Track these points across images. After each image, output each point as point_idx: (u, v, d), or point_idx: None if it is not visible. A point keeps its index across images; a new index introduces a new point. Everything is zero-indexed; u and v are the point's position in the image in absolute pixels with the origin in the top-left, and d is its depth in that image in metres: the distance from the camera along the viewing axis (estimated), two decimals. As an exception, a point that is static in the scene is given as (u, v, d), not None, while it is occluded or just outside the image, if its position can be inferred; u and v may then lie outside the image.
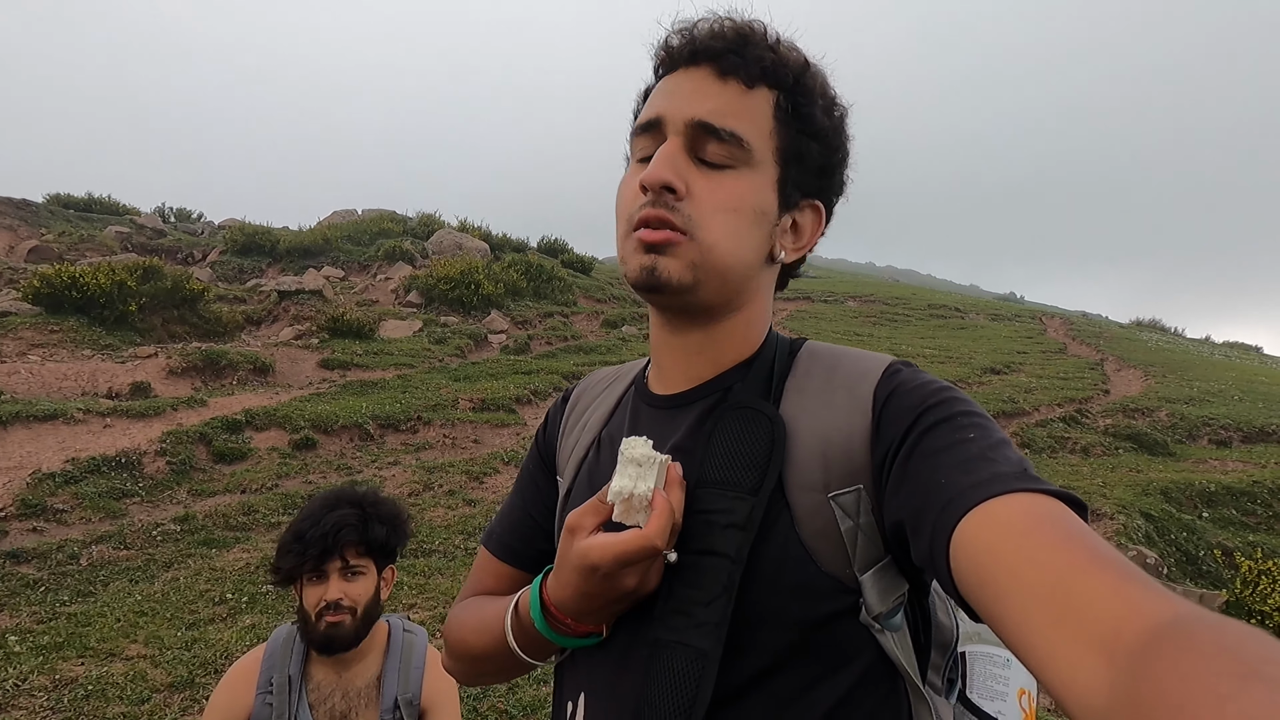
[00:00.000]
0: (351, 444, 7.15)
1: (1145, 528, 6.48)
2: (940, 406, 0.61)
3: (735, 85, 0.66)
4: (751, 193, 0.66)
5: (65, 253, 12.78)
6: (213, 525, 5.31)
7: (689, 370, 0.72)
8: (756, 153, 0.66)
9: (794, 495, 0.63)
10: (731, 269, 0.66)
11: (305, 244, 15.10)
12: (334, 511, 1.47)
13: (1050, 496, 0.50)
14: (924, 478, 0.56)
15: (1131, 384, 12.58)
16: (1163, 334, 22.37)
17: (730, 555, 0.61)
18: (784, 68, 0.67)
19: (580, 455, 0.78)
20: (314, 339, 10.36)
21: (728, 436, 0.65)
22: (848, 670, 0.62)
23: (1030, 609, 0.44)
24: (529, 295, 14.14)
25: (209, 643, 3.70)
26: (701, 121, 0.65)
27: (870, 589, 0.62)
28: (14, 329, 8.74)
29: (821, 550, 0.62)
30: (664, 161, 0.64)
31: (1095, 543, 0.45)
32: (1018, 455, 0.56)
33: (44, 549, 4.72)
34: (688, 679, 0.59)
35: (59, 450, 5.96)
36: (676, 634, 0.61)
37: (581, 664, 0.72)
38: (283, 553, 1.45)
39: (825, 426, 0.64)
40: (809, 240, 0.72)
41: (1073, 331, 18.17)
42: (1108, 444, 9.01)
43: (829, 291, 20.26)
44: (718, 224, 0.65)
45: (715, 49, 0.66)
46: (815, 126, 0.68)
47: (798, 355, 0.71)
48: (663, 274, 0.65)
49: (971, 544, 0.49)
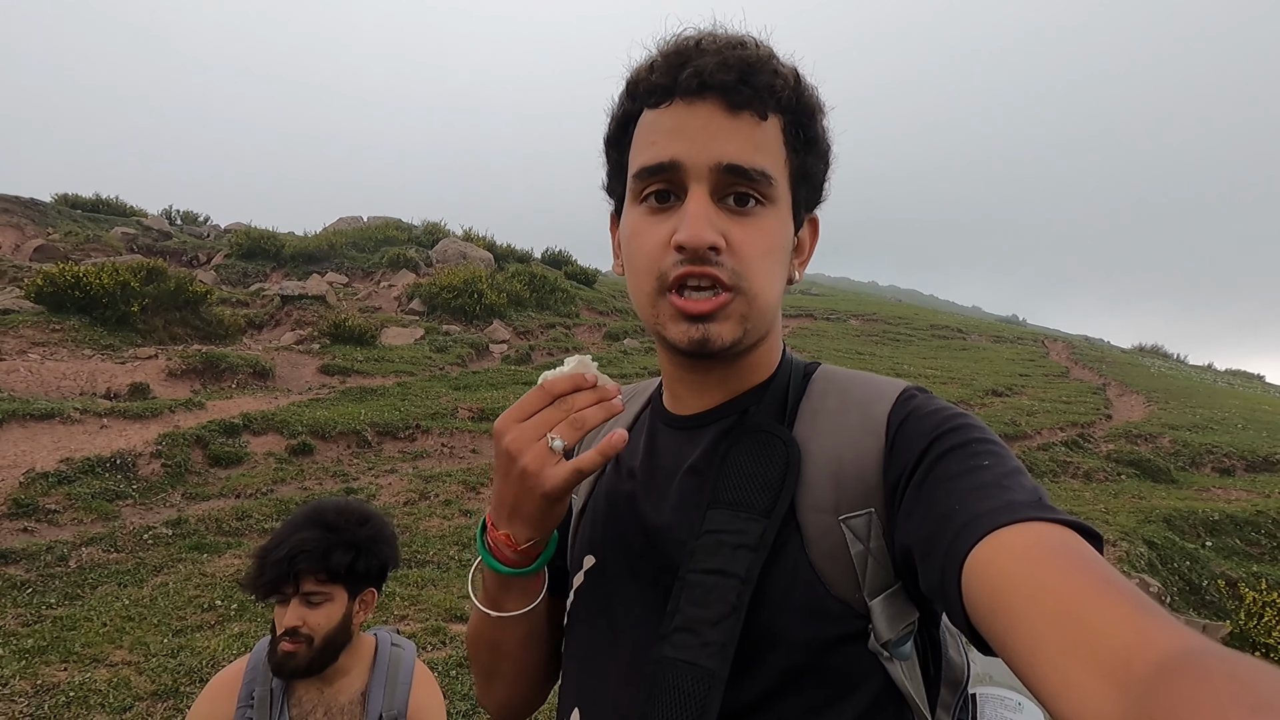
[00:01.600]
0: (349, 451, 7.11)
1: (1148, 555, 6.41)
2: (955, 433, 0.60)
3: (750, 119, 0.61)
4: (780, 229, 0.65)
5: (71, 252, 12.81)
6: (205, 530, 5.26)
7: (706, 396, 0.71)
8: (780, 185, 0.64)
9: (804, 516, 0.63)
10: (769, 312, 0.66)
11: (310, 249, 15.14)
12: (298, 534, 1.40)
13: (1065, 526, 0.50)
14: (937, 504, 0.56)
15: (1134, 409, 12.53)
16: (1165, 360, 22.33)
17: (740, 575, 0.60)
18: (788, 89, 0.63)
19: (597, 473, 0.77)
20: (315, 344, 10.35)
21: (742, 459, 0.65)
22: (855, 697, 0.61)
23: (1042, 637, 0.44)
24: (532, 306, 14.15)
25: (195, 650, 3.64)
26: (730, 164, 0.61)
27: (880, 615, 0.61)
28: (15, 327, 8.73)
29: (831, 573, 0.61)
30: (702, 221, 0.60)
31: (1108, 573, 0.45)
32: (1032, 484, 0.55)
33: (33, 550, 4.67)
34: (693, 698, 0.58)
35: (54, 450, 5.93)
36: (683, 652, 0.60)
37: (581, 679, 0.72)
38: (251, 571, 1.41)
39: (838, 449, 0.64)
40: (809, 253, 0.72)
41: (1075, 355, 18.14)
42: (1110, 469, 8.95)
43: (831, 310, 20.27)
44: (760, 271, 0.63)
45: (726, 82, 0.60)
46: (818, 145, 0.67)
47: (812, 379, 0.71)
48: (716, 342, 0.63)
49: (984, 571, 0.49)
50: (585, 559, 0.74)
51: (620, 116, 0.67)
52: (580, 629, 0.73)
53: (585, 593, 0.73)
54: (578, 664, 0.72)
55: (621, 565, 0.70)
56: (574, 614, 0.74)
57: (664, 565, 0.66)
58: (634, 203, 0.66)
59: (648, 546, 0.68)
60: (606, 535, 0.72)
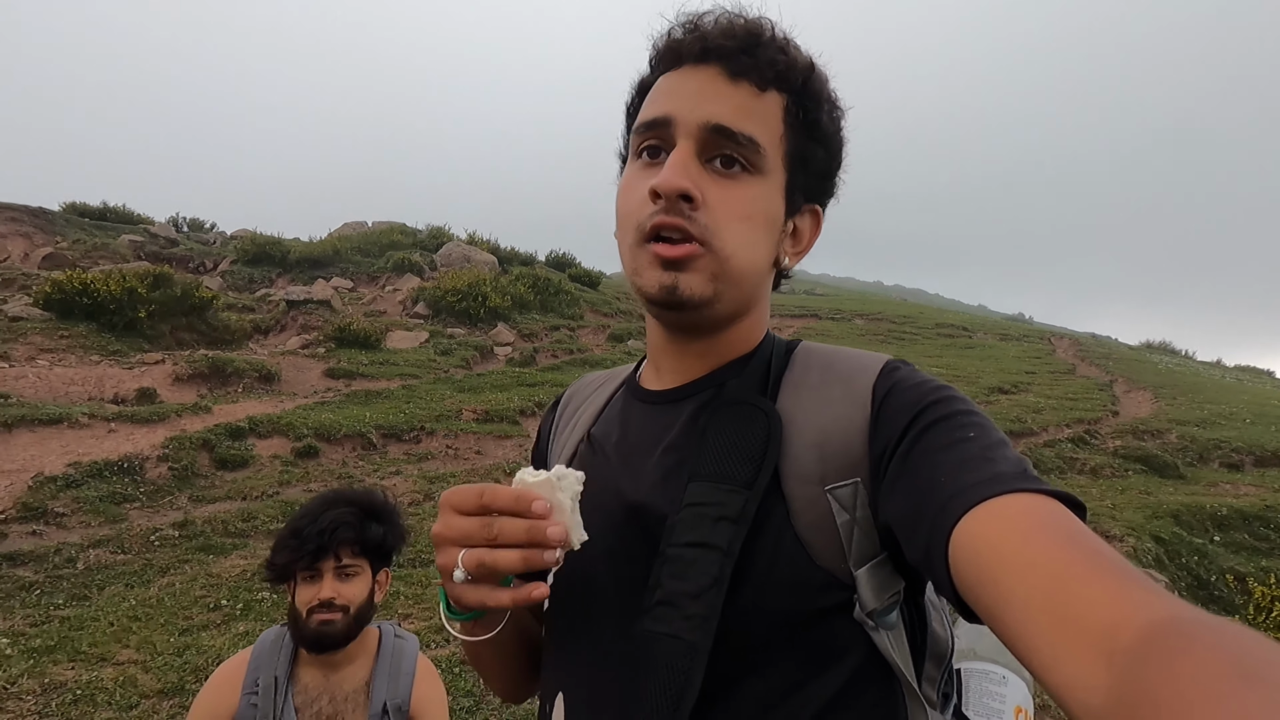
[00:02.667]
0: (354, 453, 7.14)
1: (1155, 551, 6.37)
2: (940, 404, 0.60)
3: (747, 87, 0.64)
4: (764, 199, 0.65)
5: (79, 260, 12.92)
6: (211, 531, 5.30)
7: (685, 369, 0.71)
8: (768, 158, 0.64)
9: (790, 487, 0.62)
10: (747, 277, 0.66)
11: (315, 255, 15.23)
12: (332, 510, 1.45)
13: (1050, 497, 0.50)
14: (923, 475, 0.56)
15: (1141, 405, 12.45)
16: (1173, 356, 22.18)
17: (722, 548, 0.60)
18: (794, 70, 0.65)
19: (569, 453, 0.78)
20: (320, 348, 10.40)
21: (722, 431, 0.64)
22: (840, 667, 0.61)
23: (1031, 610, 0.44)
24: (536, 308, 14.18)
25: (201, 649, 3.67)
26: (717, 124, 0.62)
27: (865, 585, 0.61)
28: (24, 334, 8.82)
29: (816, 544, 0.61)
30: (678, 168, 0.62)
31: (1095, 544, 0.45)
32: (1017, 456, 0.55)
33: (41, 552, 4.71)
34: (676, 671, 0.58)
35: (62, 454, 5.98)
36: (664, 625, 0.60)
37: (560, 663, 0.71)
38: (278, 549, 1.44)
39: (823, 420, 0.64)
40: (807, 245, 0.72)
41: (1081, 352, 18.04)
42: (1117, 465, 8.90)
43: (836, 309, 20.23)
44: (734, 233, 0.63)
45: (727, 48, 0.64)
46: (821, 131, 0.67)
47: (794, 353, 0.71)
48: (684, 291, 0.63)
49: (972, 543, 0.49)
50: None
51: (639, 85, 0.71)
52: (559, 612, 0.72)
53: (563, 575, 0.71)
54: (559, 647, 0.72)
55: (599, 545, 0.68)
56: (552, 597, 0.73)
57: (643, 542, 0.65)
58: (631, 160, 0.69)
59: (626, 524, 0.67)
60: (582, 516, 0.72)
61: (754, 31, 0.65)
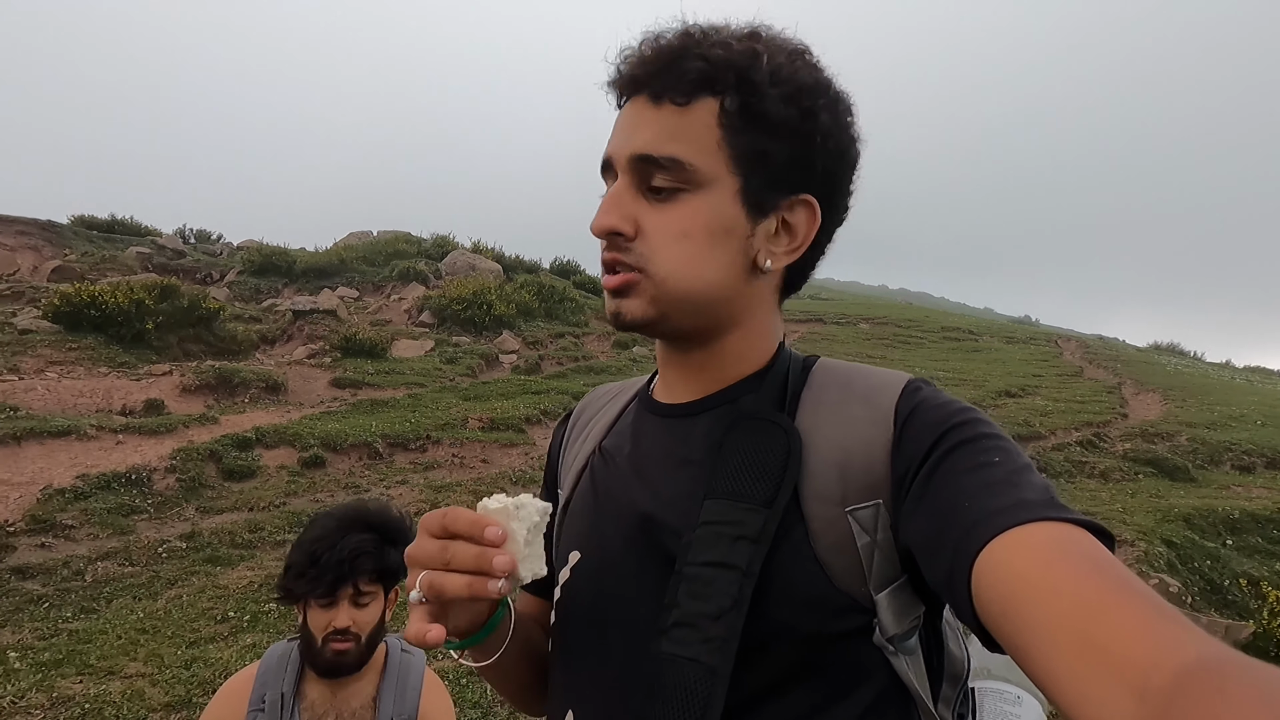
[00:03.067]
0: (360, 462, 7.15)
1: (1167, 555, 6.31)
2: (964, 427, 0.59)
3: (670, 107, 0.63)
4: (702, 214, 0.63)
5: (87, 272, 13.01)
6: (219, 543, 5.30)
7: (695, 384, 0.70)
8: (704, 170, 0.62)
9: (810, 508, 0.61)
10: (695, 294, 0.64)
11: (321, 265, 15.30)
12: (350, 535, 1.42)
13: (1077, 526, 0.49)
14: (945, 499, 0.55)
15: (1150, 408, 12.37)
16: (1181, 358, 22.05)
17: (741, 568, 0.59)
18: (723, 69, 0.61)
19: (580, 465, 0.77)
20: (326, 358, 10.44)
21: (740, 448, 0.63)
22: (860, 692, 0.61)
23: (1057, 642, 0.43)
24: (540, 316, 14.21)
25: (208, 662, 3.67)
26: (640, 154, 0.63)
27: (885, 609, 0.60)
28: (33, 346, 8.88)
29: (836, 566, 0.60)
30: (607, 206, 0.65)
31: (1124, 576, 0.45)
32: (1043, 481, 0.54)
33: (50, 564, 4.73)
34: (696, 696, 0.57)
35: (71, 466, 6.01)
36: (683, 648, 0.59)
37: (569, 679, 0.70)
38: (294, 575, 1.41)
39: (844, 439, 0.62)
40: (805, 238, 0.67)
41: (1089, 355, 17.95)
42: (1127, 469, 8.83)
43: (841, 314, 20.19)
44: (669, 255, 0.63)
45: (646, 74, 0.63)
46: (773, 121, 0.62)
47: (812, 370, 0.69)
48: (626, 315, 0.66)
49: (996, 572, 0.48)
50: (570, 555, 0.72)
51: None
52: (568, 626, 0.71)
53: (571, 589, 0.72)
54: (568, 662, 0.71)
55: (610, 559, 0.69)
56: (560, 612, 0.73)
57: (656, 559, 0.64)
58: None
59: (637, 540, 0.66)
60: (593, 528, 0.71)
61: (672, 48, 0.63)
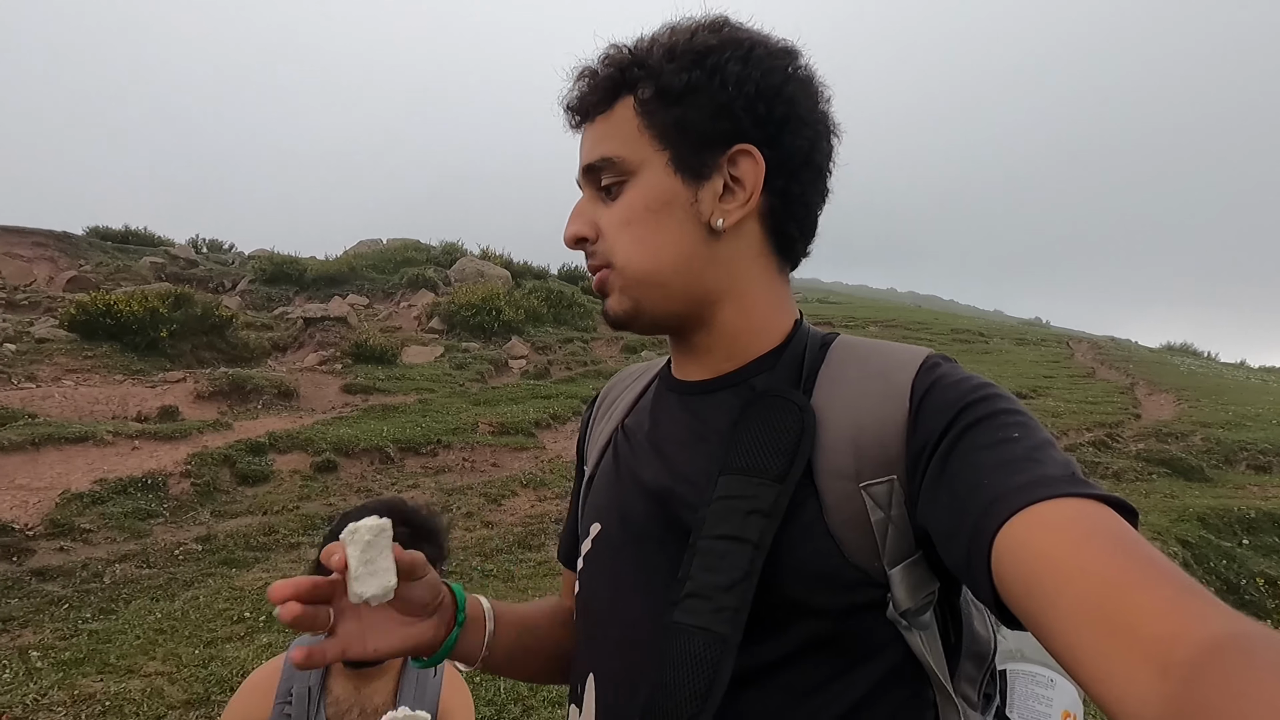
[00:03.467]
0: (372, 467, 7.20)
1: (1183, 555, 6.26)
2: (983, 403, 0.58)
3: (598, 119, 0.68)
4: (641, 195, 0.66)
5: (102, 282, 13.17)
6: (234, 545, 5.36)
7: (707, 364, 0.71)
8: (632, 158, 0.66)
9: (824, 482, 0.61)
10: (656, 272, 0.67)
11: (331, 273, 15.42)
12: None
13: (1101, 502, 0.49)
14: (963, 477, 0.54)
15: (1164, 408, 12.26)
16: (1195, 358, 21.84)
17: (753, 541, 0.59)
18: (627, 67, 0.66)
19: (604, 442, 0.79)
20: (338, 364, 10.52)
21: (755, 424, 0.64)
22: (871, 665, 0.61)
23: (1081, 620, 0.43)
24: (549, 321, 14.26)
25: (226, 660, 3.71)
26: (584, 168, 0.69)
27: (899, 584, 0.60)
28: (50, 355, 9.00)
29: (849, 540, 0.60)
30: (571, 217, 0.70)
31: (1149, 552, 0.44)
32: (1064, 457, 0.54)
33: (69, 567, 4.79)
34: (705, 663, 0.58)
35: (88, 471, 6.08)
36: (694, 618, 0.60)
37: (591, 644, 0.72)
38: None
39: (859, 415, 0.62)
40: (753, 187, 0.66)
41: (1101, 356, 17.82)
42: (1140, 469, 8.76)
43: (850, 317, 20.14)
44: (622, 242, 0.67)
45: (575, 106, 0.69)
46: (678, 90, 0.64)
47: (831, 347, 0.69)
48: (611, 313, 0.70)
49: (1018, 549, 0.48)
50: (592, 526, 0.75)
51: None
52: (590, 595, 0.74)
53: (593, 559, 0.74)
54: (590, 629, 0.73)
55: (628, 532, 0.71)
56: (583, 579, 0.75)
57: (672, 532, 0.66)
58: None
59: (655, 513, 0.68)
60: (613, 502, 0.73)
61: (591, 71, 0.68)
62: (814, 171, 0.68)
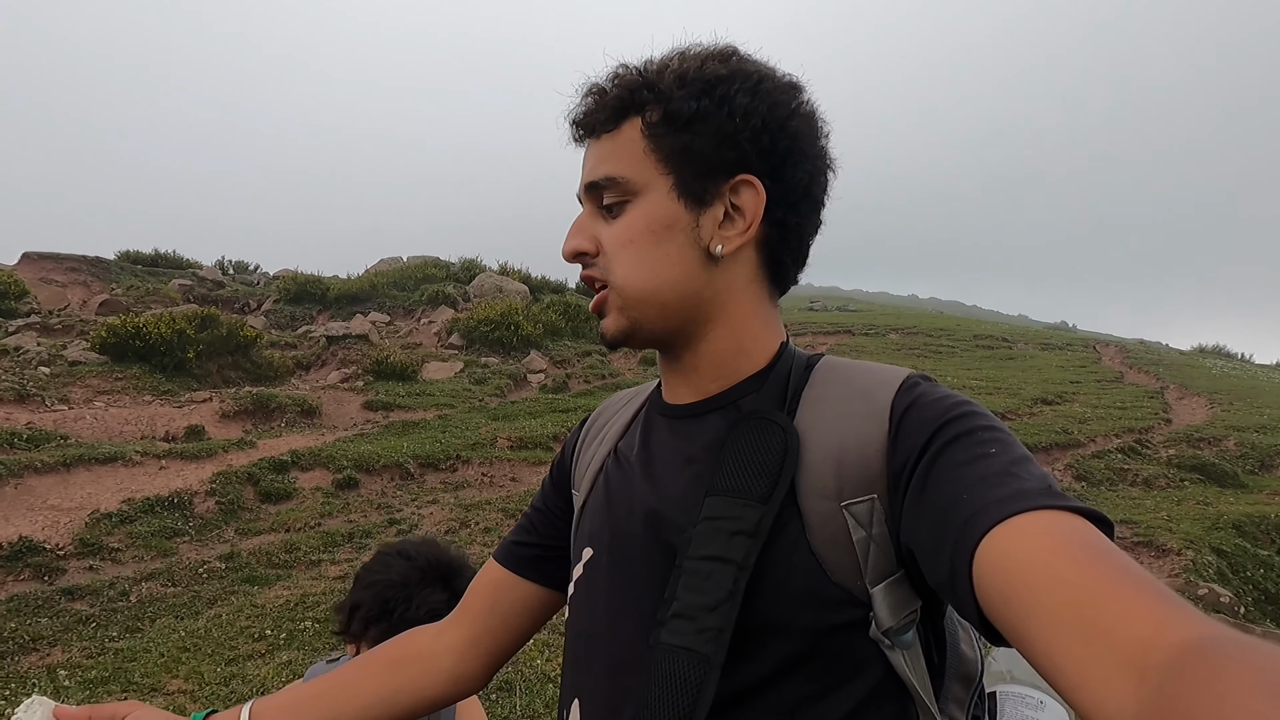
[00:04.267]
0: (392, 483, 7.27)
1: (1217, 564, 6.08)
2: (960, 420, 0.59)
3: (604, 137, 0.69)
4: (643, 216, 0.67)
5: (133, 305, 13.53)
6: (256, 563, 5.44)
7: (695, 386, 0.72)
8: (637, 180, 0.67)
9: (806, 502, 0.62)
10: (654, 293, 0.68)
11: (353, 291, 15.68)
12: (428, 591, 1.37)
13: (1076, 514, 0.50)
14: (944, 493, 0.55)
15: (1195, 412, 11.96)
16: (1228, 360, 21.29)
17: (737, 561, 0.60)
18: (638, 91, 0.67)
19: (596, 468, 0.79)
20: (359, 381, 10.66)
21: (740, 446, 0.65)
22: (854, 685, 0.61)
23: (1058, 628, 0.43)
24: (567, 335, 14.33)
25: (246, 678, 3.76)
26: (586, 185, 0.70)
27: (881, 603, 0.61)
28: (82, 377, 9.25)
29: (831, 559, 0.61)
30: (571, 232, 0.71)
31: (1124, 561, 0.45)
32: (1041, 471, 0.55)
33: (97, 586, 4.90)
34: (689, 683, 0.59)
35: (117, 491, 6.22)
36: (679, 638, 0.60)
37: (577, 668, 0.73)
38: (361, 619, 1.37)
39: (840, 434, 0.64)
40: (753, 217, 0.67)
41: (1129, 359, 17.45)
42: (1171, 475, 8.54)
43: (870, 325, 19.97)
44: (621, 261, 0.68)
45: (582, 122, 0.70)
46: (686, 117, 0.65)
47: (815, 368, 0.71)
48: (607, 332, 0.71)
49: (996, 561, 0.48)
50: (584, 551, 0.75)
51: None
52: (579, 620, 0.74)
53: (583, 584, 0.75)
54: (577, 654, 0.74)
55: (619, 556, 0.71)
56: (573, 605, 0.76)
57: (661, 554, 0.66)
58: None
59: (645, 536, 0.69)
60: (604, 527, 0.74)
61: (600, 89, 0.69)
62: (811, 204, 0.70)
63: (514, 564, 0.85)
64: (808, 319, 20.42)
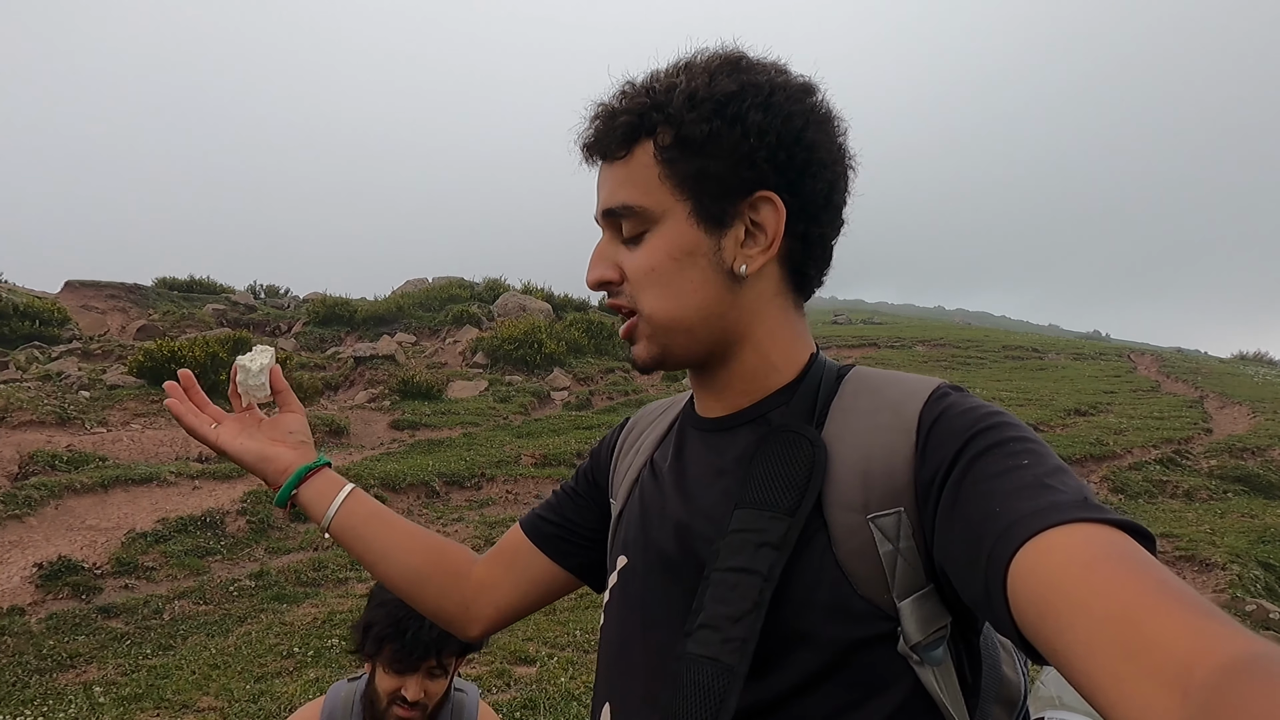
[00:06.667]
0: (418, 501, 7.33)
1: (1264, 579, 5.86)
2: (991, 431, 0.58)
3: (616, 162, 0.68)
4: (664, 244, 0.67)
5: (169, 330, 13.91)
6: (284, 581, 5.51)
7: (726, 401, 0.73)
8: (653, 207, 0.67)
9: (832, 514, 0.62)
10: (683, 319, 0.68)
11: (380, 312, 15.94)
12: None
13: (1114, 527, 0.48)
14: (976, 506, 0.54)
15: (1237, 422, 11.58)
16: (1271, 367, 20.60)
17: (762, 573, 0.60)
18: (649, 113, 0.66)
19: (633, 478, 0.80)
20: (386, 401, 10.81)
21: (769, 459, 0.65)
22: (881, 700, 0.61)
23: (1097, 644, 0.42)
24: (590, 352, 14.39)
25: (275, 695, 3.79)
26: (604, 212, 0.70)
27: (909, 617, 0.60)
28: (120, 400, 9.51)
29: (858, 572, 0.61)
30: (593, 260, 0.71)
31: (1164, 575, 0.44)
32: (1077, 482, 0.53)
33: (132, 604, 4.99)
34: (713, 693, 0.59)
35: (152, 511, 6.36)
36: (704, 648, 0.61)
37: (609, 673, 0.75)
38: (375, 639, 1.42)
39: (868, 446, 0.63)
40: (774, 233, 0.67)
41: (1166, 368, 17.00)
42: (1214, 487, 8.26)
43: (896, 337, 19.74)
44: (648, 290, 0.68)
45: (592, 144, 0.70)
46: (699, 140, 0.64)
47: (845, 379, 0.70)
48: (638, 359, 0.71)
49: (1031, 575, 0.47)
50: (619, 559, 0.77)
51: None
52: (612, 626, 0.76)
53: (617, 592, 0.76)
54: (608, 660, 0.75)
55: (652, 565, 0.72)
56: (607, 612, 0.77)
57: (692, 565, 0.67)
58: None
59: (676, 546, 0.69)
60: (639, 537, 0.75)
61: (609, 110, 0.68)
62: (833, 212, 0.70)
63: (533, 535, 0.87)
64: (832, 332, 20.23)
